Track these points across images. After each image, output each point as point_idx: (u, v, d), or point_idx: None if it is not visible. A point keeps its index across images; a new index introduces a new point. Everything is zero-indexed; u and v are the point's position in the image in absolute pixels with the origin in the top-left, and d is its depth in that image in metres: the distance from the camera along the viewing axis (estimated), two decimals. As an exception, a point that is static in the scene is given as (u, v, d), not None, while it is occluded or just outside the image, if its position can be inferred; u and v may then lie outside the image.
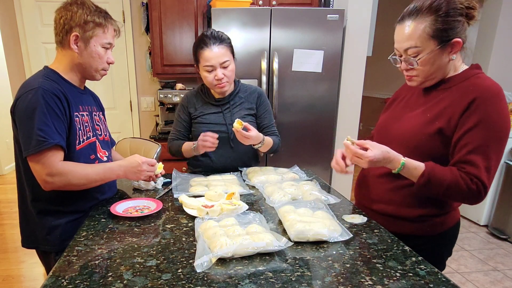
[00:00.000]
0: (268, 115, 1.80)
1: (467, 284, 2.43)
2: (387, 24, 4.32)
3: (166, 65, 3.03)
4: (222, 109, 1.73)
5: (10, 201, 3.83)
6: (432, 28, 1.06)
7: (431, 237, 1.23)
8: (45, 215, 1.29)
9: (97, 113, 1.44)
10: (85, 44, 1.25)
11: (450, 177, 1.08)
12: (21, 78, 3.31)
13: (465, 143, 1.08)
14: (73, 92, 1.30)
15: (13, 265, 2.65)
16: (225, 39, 1.62)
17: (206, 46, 1.58)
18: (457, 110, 1.09)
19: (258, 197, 1.45)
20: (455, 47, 1.09)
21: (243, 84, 1.80)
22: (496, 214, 3.18)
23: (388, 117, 1.34)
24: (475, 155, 1.06)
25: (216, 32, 1.62)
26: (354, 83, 2.81)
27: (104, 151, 1.41)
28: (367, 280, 0.90)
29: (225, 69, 1.61)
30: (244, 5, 2.59)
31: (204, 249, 0.99)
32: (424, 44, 1.08)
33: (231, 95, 1.74)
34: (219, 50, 1.58)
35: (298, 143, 2.75)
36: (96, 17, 1.24)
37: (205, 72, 1.62)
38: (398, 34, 1.13)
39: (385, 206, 1.27)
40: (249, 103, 1.76)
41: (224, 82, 1.62)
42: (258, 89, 1.81)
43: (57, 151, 1.18)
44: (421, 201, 1.20)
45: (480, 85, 1.09)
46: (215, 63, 1.58)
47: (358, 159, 1.11)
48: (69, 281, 0.89)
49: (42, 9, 3.16)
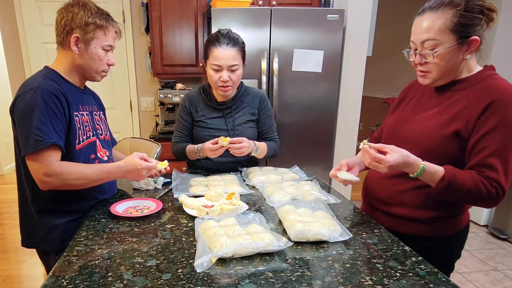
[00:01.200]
0: (269, 120, 1.79)
1: (467, 284, 2.43)
2: (387, 24, 4.33)
3: (166, 65, 3.03)
4: (224, 114, 1.71)
5: (10, 201, 3.83)
6: (452, 22, 1.05)
7: (442, 239, 1.22)
8: (45, 214, 1.29)
9: (98, 113, 1.44)
10: (86, 46, 1.25)
11: (470, 182, 1.06)
12: (21, 78, 3.31)
13: (484, 146, 1.06)
14: (73, 92, 1.30)
15: (13, 265, 2.65)
16: (239, 43, 1.60)
17: (219, 44, 1.55)
18: (475, 112, 1.07)
19: (258, 197, 1.45)
20: (472, 45, 1.07)
21: (246, 87, 1.78)
22: (496, 214, 3.18)
23: (398, 118, 1.31)
24: (494, 158, 1.05)
25: (232, 33, 1.59)
26: (354, 83, 2.81)
27: (104, 150, 1.41)
28: (367, 280, 0.90)
29: (232, 73, 1.58)
30: (244, 5, 2.59)
31: (204, 249, 0.99)
32: (442, 37, 1.06)
33: (234, 99, 1.72)
34: (230, 52, 1.55)
35: (298, 143, 2.75)
36: (97, 19, 1.24)
37: (212, 70, 1.59)
38: (416, 26, 1.12)
39: (397, 208, 1.25)
40: (251, 108, 1.74)
41: (228, 86, 1.60)
42: (261, 93, 1.79)
43: (54, 150, 1.18)
44: (434, 202, 1.18)
45: (498, 87, 1.07)
46: (223, 64, 1.56)
47: (377, 164, 1.07)
48: (69, 281, 0.89)
49: (42, 9, 3.17)
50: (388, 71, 5.11)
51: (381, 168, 1.07)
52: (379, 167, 1.07)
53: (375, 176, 1.35)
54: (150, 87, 3.46)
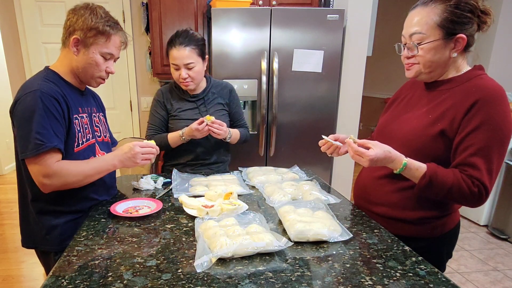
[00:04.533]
0: (239, 109, 1.94)
1: (467, 284, 2.43)
2: (387, 24, 4.33)
3: (166, 65, 3.02)
4: (198, 105, 1.82)
5: (10, 201, 3.82)
6: (441, 17, 1.07)
7: (431, 239, 1.23)
8: (45, 214, 1.29)
9: (97, 114, 1.44)
10: (85, 49, 1.26)
11: (452, 179, 1.07)
12: (21, 78, 3.31)
13: (467, 145, 1.07)
14: (73, 94, 1.30)
15: (13, 265, 2.65)
16: (193, 42, 1.68)
17: (174, 45, 1.68)
18: (460, 112, 1.09)
19: (258, 197, 1.45)
20: (459, 43, 1.09)
21: (214, 80, 1.90)
22: (496, 214, 3.18)
23: (389, 118, 1.33)
24: (477, 157, 1.06)
25: (186, 33, 1.69)
26: (354, 83, 2.81)
27: (103, 152, 1.41)
28: (367, 280, 0.90)
29: (189, 70, 1.69)
30: (244, 5, 2.59)
31: (204, 249, 0.99)
32: (429, 31, 1.09)
33: (204, 91, 1.83)
34: (184, 52, 1.66)
35: (298, 143, 2.75)
36: (101, 25, 1.24)
37: (172, 69, 1.73)
38: (407, 21, 1.15)
39: (386, 209, 1.27)
40: (221, 98, 1.87)
41: (187, 82, 1.72)
42: (229, 84, 1.92)
43: (54, 153, 1.18)
44: (422, 203, 1.19)
45: (483, 86, 1.08)
46: (179, 63, 1.68)
47: (359, 158, 1.11)
48: (69, 281, 0.89)
49: (42, 9, 3.16)
50: (388, 71, 5.11)
51: (362, 162, 1.11)
52: (361, 161, 1.12)
53: (365, 177, 1.37)
54: (150, 87, 3.46)
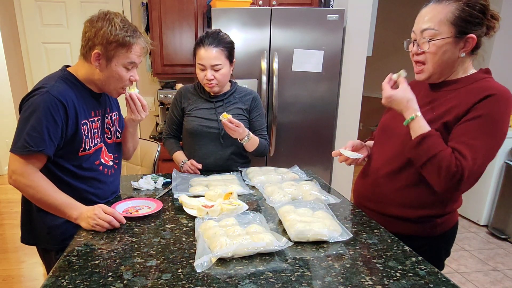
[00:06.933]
0: (260, 119, 1.83)
1: (467, 284, 2.43)
2: (387, 24, 4.33)
3: (166, 65, 3.03)
4: (216, 106, 1.76)
5: (10, 201, 3.82)
6: (454, 15, 1.07)
7: (430, 238, 1.23)
8: (46, 213, 1.28)
9: (110, 115, 1.43)
10: (107, 63, 1.23)
11: (440, 150, 1.07)
12: (21, 78, 3.31)
13: (461, 132, 1.08)
14: (88, 97, 1.30)
15: (13, 265, 2.65)
16: (222, 43, 1.64)
17: (202, 45, 1.63)
18: (466, 107, 1.09)
19: (258, 197, 1.45)
20: (468, 43, 1.09)
21: (239, 87, 1.84)
22: (496, 214, 3.18)
23: (392, 116, 1.33)
24: (466, 144, 1.06)
25: (217, 34, 1.65)
26: (354, 83, 2.81)
27: (110, 155, 1.41)
28: (367, 280, 0.90)
29: (215, 72, 1.65)
30: (244, 5, 2.59)
31: (204, 249, 0.99)
32: (442, 28, 1.09)
33: (226, 94, 1.77)
34: (212, 52, 1.62)
35: (298, 143, 2.75)
36: (120, 37, 1.20)
37: (198, 69, 1.69)
38: (419, 17, 1.15)
39: (386, 207, 1.27)
40: (243, 104, 1.79)
41: (212, 83, 1.67)
42: (254, 92, 1.84)
43: (39, 157, 1.19)
44: (423, 202, 1.20)
45: (492, 87, 1.09)
46: (206, 64, 1.64)
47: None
48: (69, 281, 0.89)
49: (42, 9, 3.16)
50: (388, 71, 5.09)
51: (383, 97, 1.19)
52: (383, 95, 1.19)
53: (366, 176, 1.37)
54: (150, 87, 3.45)
